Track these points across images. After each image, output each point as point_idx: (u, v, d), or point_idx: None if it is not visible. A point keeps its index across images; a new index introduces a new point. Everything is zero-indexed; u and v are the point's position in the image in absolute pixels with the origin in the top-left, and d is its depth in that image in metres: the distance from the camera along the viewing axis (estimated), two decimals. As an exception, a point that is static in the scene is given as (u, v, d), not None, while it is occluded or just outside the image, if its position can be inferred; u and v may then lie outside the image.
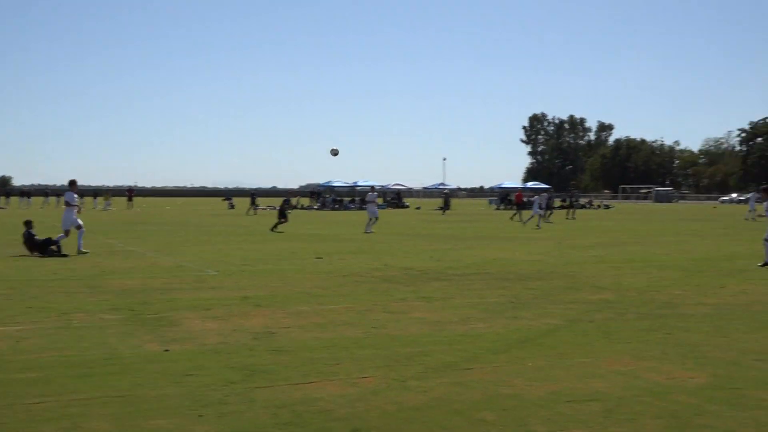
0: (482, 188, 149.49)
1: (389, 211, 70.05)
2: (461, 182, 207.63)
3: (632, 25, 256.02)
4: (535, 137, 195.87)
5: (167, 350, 9.44)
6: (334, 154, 28.50)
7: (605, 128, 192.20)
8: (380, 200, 75.31)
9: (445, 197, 68.50)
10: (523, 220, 44.77)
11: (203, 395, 7.41)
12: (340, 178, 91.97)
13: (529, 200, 58.80)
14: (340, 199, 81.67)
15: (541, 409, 7.08)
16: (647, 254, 23.60)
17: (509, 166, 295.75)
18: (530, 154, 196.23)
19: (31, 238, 22.36)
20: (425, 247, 26.46)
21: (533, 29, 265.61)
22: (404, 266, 19.52)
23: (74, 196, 23.56)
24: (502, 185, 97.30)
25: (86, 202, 70.77)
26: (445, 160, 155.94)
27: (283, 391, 7.59)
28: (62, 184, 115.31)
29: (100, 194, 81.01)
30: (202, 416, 6.75)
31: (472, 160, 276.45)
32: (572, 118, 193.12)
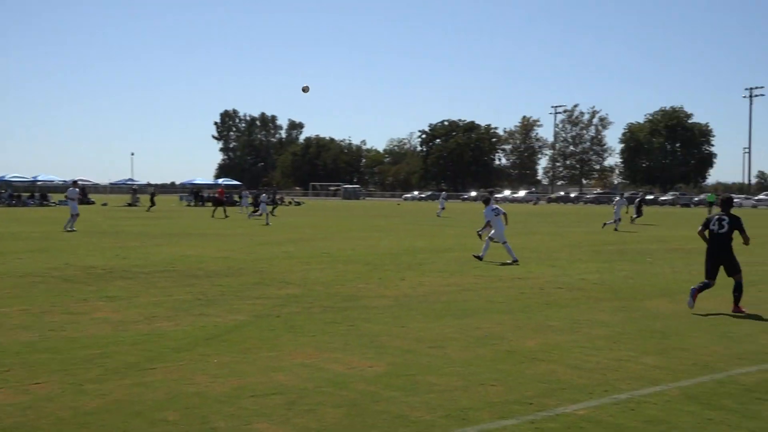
0: (174, 184, 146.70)
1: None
2: (151, 178, 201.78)
3: (317, 27, 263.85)
4: (227, 134, 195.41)
5: None
6: (305, 90, 27.20)
7: (296, 126, 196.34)
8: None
9: (151, 195, 66.08)
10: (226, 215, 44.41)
11: None
12: (16, 171, 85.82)
13: (242, 195, 58.57)
14: (17, 194, 76.29)
15: (224, 405, 7.03)
16: (334, 249, 24.36)
17: (201, 162, 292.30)
18: (222, 150, 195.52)
19: None
20: (111, 244, 25.43)
21: (225, 27, 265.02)
22: (87, 265, 18.61)
23: None
24: (194, 181, 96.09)
25: None
26: (133, 155, 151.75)
27: (-59, 403, 6.92)
28: None
29: None
30: None
31: (162, 155, 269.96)
32: (264, 115, 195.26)
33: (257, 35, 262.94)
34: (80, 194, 53.34)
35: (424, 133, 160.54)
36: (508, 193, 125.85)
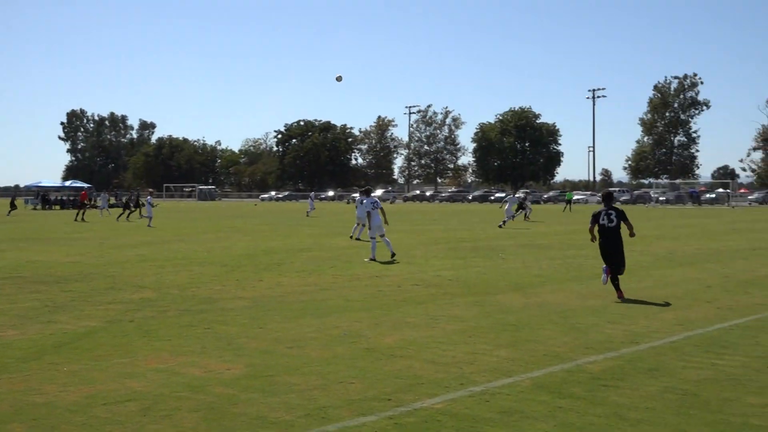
0: (18, 187, 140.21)
1: None
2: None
3: (167, 24, 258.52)
4: (74, 134, 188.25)
5: None
6: (338, 80, 26.25)
7: (148, 126, 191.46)
8: None
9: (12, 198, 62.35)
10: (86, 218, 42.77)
11: None
12: None
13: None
14: None
15: (75, 414, 6.78)
16: (190, 251, 23.90)
17: (47, 163, 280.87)
18: (69, 151, 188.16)
19: None
20: (-50, 251, 24.08)
21: (69, 21, 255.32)
22: (-77, 273, 17.57)
23: None
24: (39, 183, 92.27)
25: None
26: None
27: None
28: None
29: None
30: None
31: (2, 157, 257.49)
32: (113, 115, 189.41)
33: (104, 31, 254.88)
34: None
35: (279, 133, 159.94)
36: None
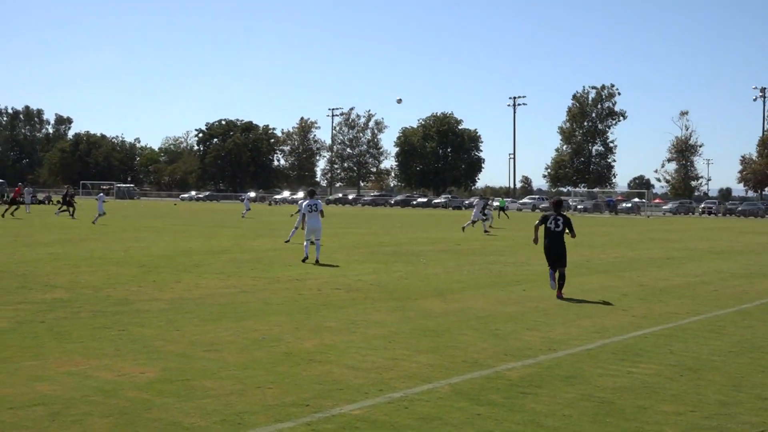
0: None
1: None
2: None
3: (84, 14, 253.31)
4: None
5: None
6: (398, 102, 25.92)
7: (64, 122, 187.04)
8: None
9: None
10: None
11: None
12: None
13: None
14: None
15: (-21, 420, 6.52)
16: (106, 251, 23.36)
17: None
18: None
19: None
20: None
21: (6, 11, 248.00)
22: None
23: None
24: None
25: None
26: None
27: None
28: None
29: None
30: None
31: None
32: (28, 109, 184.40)
33: (20, 22, 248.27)
34: None
35: (201, 132, 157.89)
36: (287, 194, 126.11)
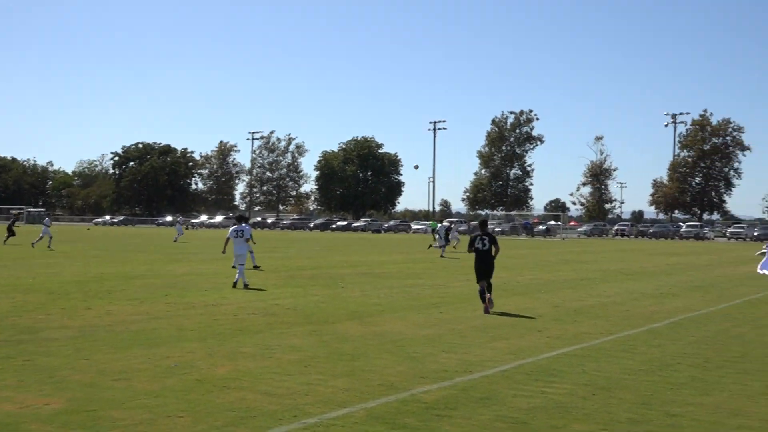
0: None
1: None
2: None
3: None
4: None
5: None
6: (416, 168, 25.61)
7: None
8: None
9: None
10: None
11: None
12: None
13: None
14: None
15: None
16: (12, 277, 22.62)
17: None
18: None
19: None
20: None
21: None
22: None
23: None
24: None
25: None
26: None
27: None
28: None
29: None
30: None
31: None
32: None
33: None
34: None
35: (116, 155, 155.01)
36: (205, 218, 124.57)
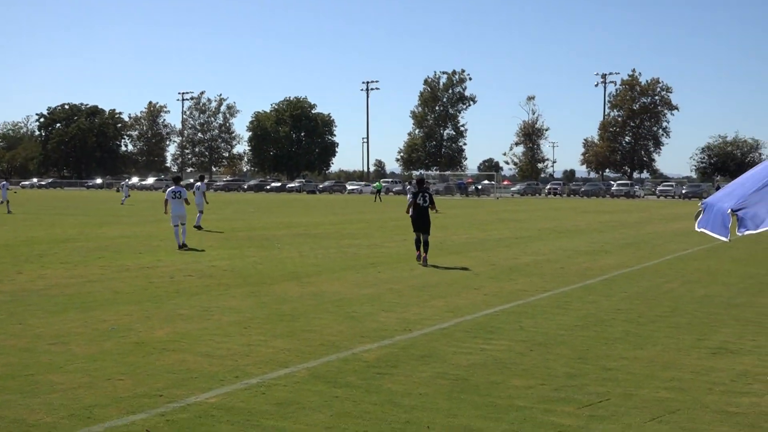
0: None
1: None
2: None
3: None
4: None
5: None
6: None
7: None
8: None
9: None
10: None
11: None
12: None
13: None
14: None
15: None
16: (-60, 242, 22.06)
17: None
18: None
19: None
20: None
21: None
22: None
23: None
24: None
25: None
26: None
27: None
28: None
29: None
30: None
31: None
32: None
33: None
34: None
35: (42, 116, 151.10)
36: (136, 180, 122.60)
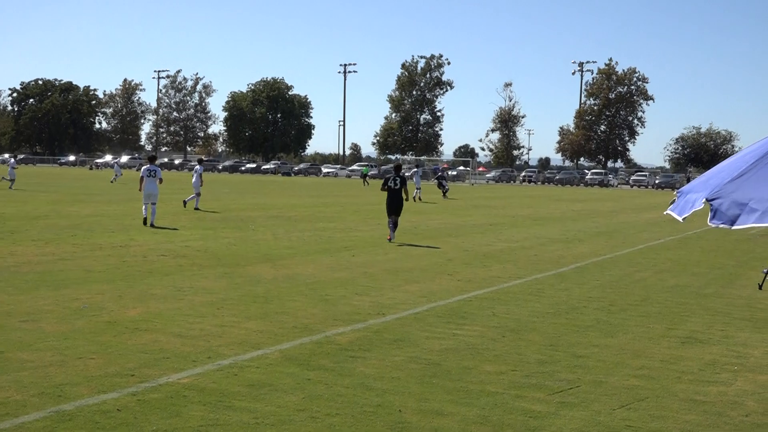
0: None
1: None
2: None
3: None
4: None
5: None
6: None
7: None
8: None
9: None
10: None
11: None
12: None
13: None
14: None
15: None
16: None
17: None
18: None
19: None
20: None
21: None
22: None
23: None
24: None
25: None
26: None
27: None
28: None
29: None
30: None
31: None
32: None
33: None
34: None
35: (15, 91, 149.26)
36: (109, 158, 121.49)
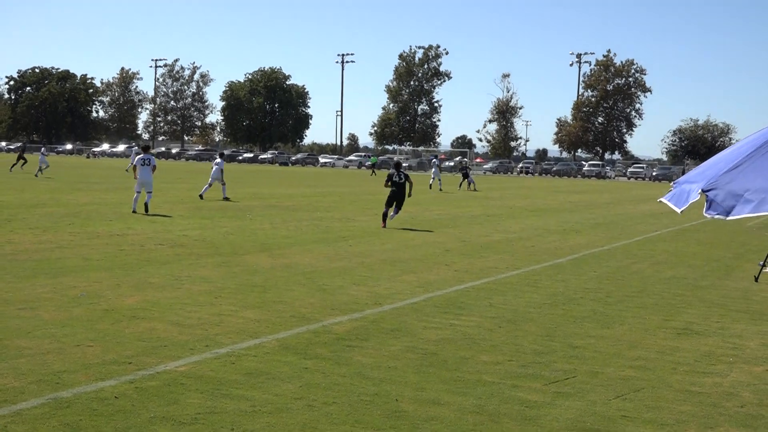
0: None
1: None
2: None
3: None
4: None
5: None
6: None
7: None
8: None
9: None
10: None
11: None
12: None
13: None
14: None
15: None
16: None
17: None
18: None
19: None
20: None
21: None
22: None
23: None
24: None
25: None
26: None
27: None
28: None
29: None
30: None
31: None
32: None
33: None
34: None
35: (12, 79, 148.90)
36: (106, 146, 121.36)
